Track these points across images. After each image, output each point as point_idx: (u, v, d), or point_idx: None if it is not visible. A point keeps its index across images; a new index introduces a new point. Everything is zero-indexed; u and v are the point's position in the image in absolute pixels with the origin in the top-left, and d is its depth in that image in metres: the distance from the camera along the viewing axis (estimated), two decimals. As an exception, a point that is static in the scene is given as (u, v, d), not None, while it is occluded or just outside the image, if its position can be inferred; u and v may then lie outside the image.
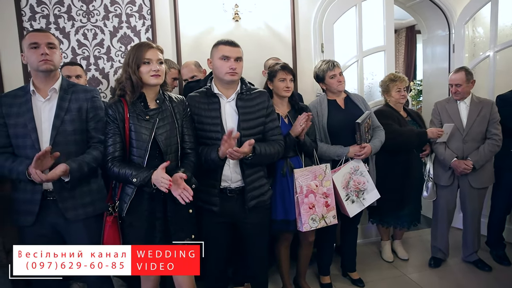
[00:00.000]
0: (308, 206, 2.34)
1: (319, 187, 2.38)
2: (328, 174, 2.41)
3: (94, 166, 1.88)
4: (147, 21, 3.06)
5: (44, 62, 1.82)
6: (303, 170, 2.34)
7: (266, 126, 2.12)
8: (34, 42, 1.82)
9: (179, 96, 2.00)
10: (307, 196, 2.34)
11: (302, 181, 2.33)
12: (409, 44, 7.97)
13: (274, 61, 2.94)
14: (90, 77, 2.98)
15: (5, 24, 2.82)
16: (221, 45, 2.03)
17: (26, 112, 1.83)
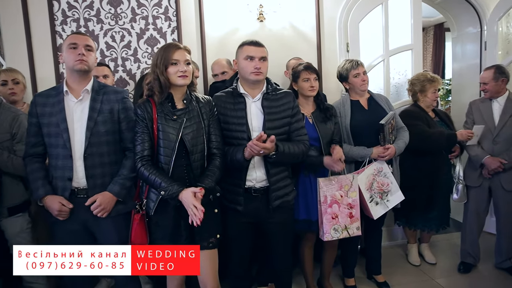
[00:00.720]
0: (331, 216, 2.32)
1: (344, 197, 2.35)
2: (354, 185, 2.37)
3: (134, 175, 1.94)
4: (173, 22, 3.11)
5: (79, 61, 1.88)
6: (329, 179, 2.33)
7: (291, 127, 2.11)
8: (74, 43, 1.89)
9: (206, 97, 2.02)
10: (330, 206, 2.33)
11: (327, 190, 2.31)
12: (437, 42, 7.76)
13: (296, 61, 2.93)
14: (118, 78, 3.06)
15: (39, 28, 2.94)
16: (246, 45, 2.05)
17: (59, 112, 1.89)
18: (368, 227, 2.79)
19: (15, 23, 2.90)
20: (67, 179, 1.88)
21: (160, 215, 1.86)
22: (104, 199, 1.90)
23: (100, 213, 1.91)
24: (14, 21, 2.91)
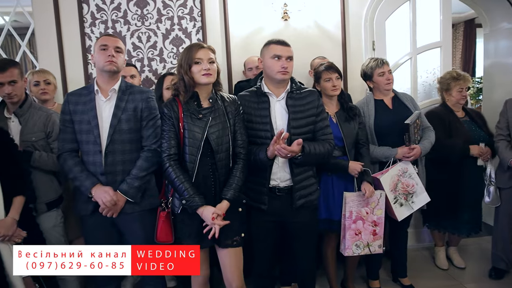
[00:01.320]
0: (354, 232, 2.32)
1: (369, 214, 2.34)
2: (381, 203, 2.35)
3: (144, 174, 1.96)
4: (198, 22, 3.15)
5: (109, 62, 1.94)
6: (356, 195, 2.31)
7: (316, 126, 2.09)
8: (104, 44, 1.95)
9: (231, 96, 2.03)
10: (355, 222, 2.32)
11: (353, 206, 2.30)
12: (468, 39, 7.49)
13: (320, 60, 2.91)
14: (144, 78, 3.12)
15: (69, 30, 3.03)
16: (273, 44, 2.05)
17: (90, 110, 1.95)
18: (393, 229, 2.74)
19: (47, 26, 3.01)
20: (99, 174, 1.94)
21: (186, 213, 1.88)
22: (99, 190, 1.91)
23: (109, 214, 1.94)
24: (46, 24, 3.01)
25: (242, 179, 1.93)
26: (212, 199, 1.89)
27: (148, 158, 1.97)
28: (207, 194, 1.87)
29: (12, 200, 1.93)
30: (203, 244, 1.90)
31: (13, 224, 1.87)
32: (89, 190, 1.91)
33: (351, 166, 2.28)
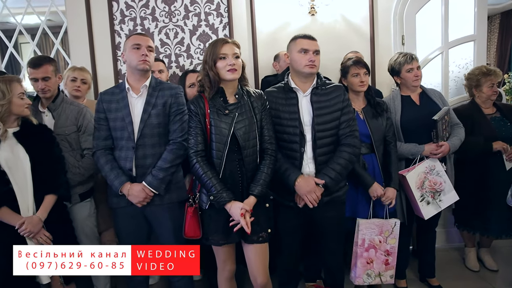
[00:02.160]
0: (366, 261, 2.29)
1: (383, 243, 2.30)
2: (395, 232, 2.31)
3: (169, 166, 1.99)
4: (225, 18, 3.16)
5: (143, 62, 1.98)
6: (370, 222, 2.27)
7: (340, 119, 2.07)
8: (137, 44, 1.99)
9: (257, 91, 2.03)
10: (367, 250, 2.28)
11: (366, 233, 2.27)
12: (504, 31, 7.17)
13: (353, 54, 2.86)
14: (171, 74, 3.17)
15: (100, 28, 3.12)
16: (300, 38, 2.04)
17: (124, 108, 2.01)
18: (420, 228, 2.68)
19: (79, 24, 3.11)
20: (128, 169, 1.99)
21: (213, 209, 1.90)
22: (132, 189, 1.97)
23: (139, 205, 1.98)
24: (78, 23, 3.11)
25: (269, 175, 1.93)
26: (239, 195, 1.90)
27: (173, 150, 2.00)
28: (234, 190, 1.88)
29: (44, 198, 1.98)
30: (229, 239, 1.92)
31: (39, 223, 1.92)
32: (118, 189, 1.97)
33: (373, 188, 2.25)
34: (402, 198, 2.51)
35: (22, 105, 1.96)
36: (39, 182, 1.94)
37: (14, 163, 1.90)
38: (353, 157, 2.05)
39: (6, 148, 1.91)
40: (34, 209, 1.94)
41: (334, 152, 2.05)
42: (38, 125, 2.05)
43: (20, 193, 1.91)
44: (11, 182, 1.88)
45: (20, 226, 1.87)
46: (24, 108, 1.97)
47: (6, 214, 1.88)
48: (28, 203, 1.93)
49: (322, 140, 2.03)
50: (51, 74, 2.28)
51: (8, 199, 1.88)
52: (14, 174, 1.89)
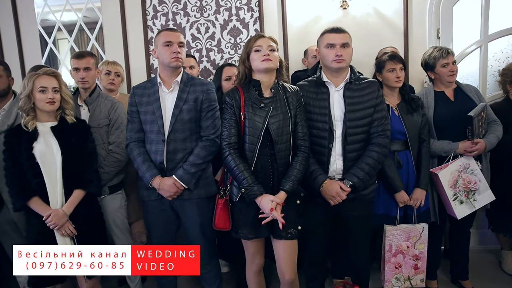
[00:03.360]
0: (394, 266, 2.27)
1: (411, 248, 2.27)
2: (423, 237, 2.27)
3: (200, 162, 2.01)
4: (255, 13, 3.16)
5: (175, 59, 2.01)
6: (397, 228, 2.25)
7: (373, 117, 2.03)
8: (169, 41, 2.01)
9: (293, 87, 2.02)
10: (395, 255, 2.27)
11: (393, 239, 2.25)
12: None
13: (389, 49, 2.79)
14: (202, 68, 3.20)
15: (133, 23, 3.20)
16: (326, 33, 2.03)
17: (154, 102, 2.04)
18: (454, 227, 2.60)
19: (114, 20, 3.20)
20: (159, 162, 2.03)
21: (244, 202, 1.91)
22: (163, 184, 2.00)
23: (169, 197, 2.02)
24: (113, 18, 3.20)
25: (301, 171, 1.92)
26: (269, 190, 1.90)
27: (206, 147, 2.02)
28: (265, 185, 1.89)
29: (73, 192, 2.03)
30: (259, 234, 1.94)
31: (64, 216, 1.97)
32: (149, 182, 2.01)
33: (400, 195, 2.23)
34: (434, 197, 2.44)
35: (42, 100, 1.97)
36: (68, 177, 2.00)
37: (47, 157, 1.97)
38: (382, 157, 2.02)
39: (42, 141, 1.98)
40: (62, 202, 2.00)
41: (364, 150, 2.02)
42: (77, 120, 2.11)
43: (51, 186, 1.97)
44: (43, 174, 1.95)
45: (47, 218, 1.94)
46: (45, 103, 1.97)
47: (36, 204, 1.96)
48: (57, 196, 1.99)
49: (353, 137, 2.00)
50: (92, 66, 2.40)
51: (39, 190, 1.96)
52: (46, 167, 1.96)
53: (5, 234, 2.30)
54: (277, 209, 1.83)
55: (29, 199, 1.95)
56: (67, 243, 1.98)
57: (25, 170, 1.95)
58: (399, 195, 2.24)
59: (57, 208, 1.97)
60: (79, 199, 2.03)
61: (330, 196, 1.98)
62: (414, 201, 2.26)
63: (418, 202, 2.26)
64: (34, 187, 1.95)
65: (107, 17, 3.23)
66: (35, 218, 1.97)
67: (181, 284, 2.62)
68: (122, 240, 2.47)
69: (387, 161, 2.16)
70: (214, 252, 2.23)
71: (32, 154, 1.94)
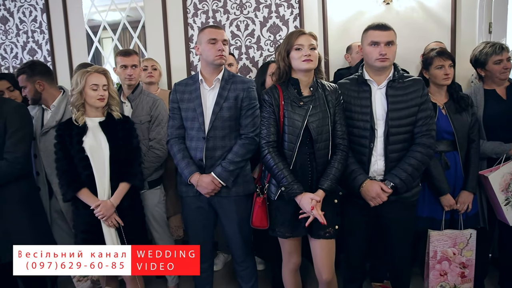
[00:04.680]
0: (439, 273, 2.16)
1: (457, 255, 2.15)
2: (471, 243, 2.15)
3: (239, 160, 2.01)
4: (295, 9, 3.12)
5: (219, 57, 2.01)
6: (442, 234, 2.14)
7: (417, 116, 1.94)
8: (213, 38, 2.02)
9: (332, 85, 1.98)
10: (440, 262, 2.16)
11: (438, 245, 2.14)
12: None
13: (436, 45, 2.67)
14: (241, 65, 3.22)
15: (174, 21, 3.27)
16: (370, 30, 1.95)
17: (196, 99, 2.07)
18: (504, 234, 2.44)
19: (155, 18, 3.28)
20: (198, 159, 2.05)
21: (282, 200, 1.90)
22: (201, 181, 2.01)
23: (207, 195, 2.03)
24: (155, 17, 3.29)
25: (340, 170, 1.89)
26: (308, 189, 1.87)
27: (245, 145, 2.02)
28: (304, 184, 1.86)
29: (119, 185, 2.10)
30: (296, 232, 1.92)
31: (111, 208, 2.04)
32: (187, 178, 2.03)
33: (446, 198, 2.13)
34: (483, 201, 2.31)
35: (93, 97, 2.04)
36: (115, 170, 2.07)
37: (96, 151, 2.04)
38: (426, 159, 1.93)
39: (91, 136, 2.05)
40: (109, 194, 2.07)
41: (407, 150, 1.94)
42: (122, 116, 2.18)
43: (99, 178, 2.04)
44: (92, 167, 2.03)
45: (96, 208, 2.02)
46: (96, 99, 2.05)
47: (86, 196, 2.04)
48: (105, 188, 2.06)
49: (396, 137, 1.93)
50: (137, 63, 2.50)
51: (88, 182, 2.04)
52: (95, 160, 2.03)
53: (53, 222, 2.42)
54: (317, 207, 1.80)
55: (79, 190, 2.03)
56: (112, 233, 2.05)
57: (76, 163, 2.03)
58: (445, 199, 2.14)
59: (105, 200, 2.04)
60: (124, 191, 2.10)
61: (370, 197, 1.92)
62: (461, 205, 2.15)
63: (465, 206, 2.16)
64: (84, 179, 2.03)
65: (149, 16, 3.32)
66: (82, 209, 2.06)
67: (217, 280, 2.64)
68: (160, 233, 2.53)
69: (433, 161, 2.07)
70: (250, 249, 2.23)
71: (82, 148, 2.02)
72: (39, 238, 2.22)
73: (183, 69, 3.25)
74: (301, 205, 1.83)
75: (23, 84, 2.36)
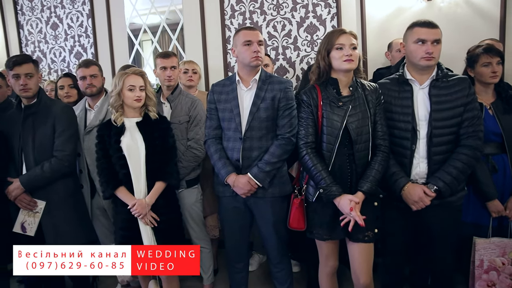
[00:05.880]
0: (487, 284, 2.05)
1: (507, 266, 2.02)
2: None
3: (276, 161, 2.00)
4: (333, 9, 3.08)
5: (255, 59, 2.02)
6: (489, 242, 2.02)
7: (462, 117, 1.86)
8: (248, 40, 2.02)
9: (372, 84, 1.94)
10: (487, 272, 2.04)
11: (484, 254, 2.03)
12: None
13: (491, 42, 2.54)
14: (278, 66, 3.22)
15: (212, 23, 3.32)
16: (417, 27, 1.87)
17: (233, 99, 2.08)
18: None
19: (193, 20, 3.36)
20: (235, 160, 2.07)
21: (320, 202, 1.87)
22: (238, 181, 2.01)
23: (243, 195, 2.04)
24: (193, 19, 3.36)
25: (380, 172, 1.84)
26: (347, 191, 1.84)
27: (281, 145, 2.01)
28: (343, 185, 1.83)
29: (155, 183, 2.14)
30: (334, 235, 1.89)
31: (146, 206, 2.08)
32: (224, 178, 2.05)
33: (494, 203, 2.02)
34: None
35: (131, 97, 2.09)
36: (151, 169, 2.11)
37: (133, 150, 2.10)
38: (472, 161, 1.84)
39: (128, 135, 2.12)
40: (145, 193, 2.12)
41: (452, 152, 1.86)
42: (159, 116, 2.23)
43: (135, 177, 2.10)
44: (129, 166, 2.09)
45: (132, 206, 2.07)
46: (133, 100, 2.09)
47: (123, 194, 2.10)
48: (141, 187, 2.10)
49: (439, 138, 1.85)
50: (176, 65, 2.56)
51: (126, 180, 2.09)
52: (132, 159, 2.09)
53: (96, 218, 2.53)
54: (356, 208, 1.77)
55: (117, 189, 2.10)
56: (149, 231, 2.10)
57: (114, 162, 2.11)
58: (492, 204, 2.03)
59: (141, 198, 2.10)
60: (160, 190, 2.14)
61: (412, 201, 1.86)
62: (510, 212, 2.03)
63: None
64: (121, 178, 2.10)
65: (188, 18, 3.39)
66: (121, 206, 2.13)
67: (252, 281, 2.65)
68: (197, 232, 2.57)
69: (479, 165, 1.98)
70: (286, 251, 2.22)
71: (119, 147, 2.09)
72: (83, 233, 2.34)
73: (220, 70, 3.30)
74: (340, 207, 1.80)
75: (95, 73, 2.50)
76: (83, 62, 2.56)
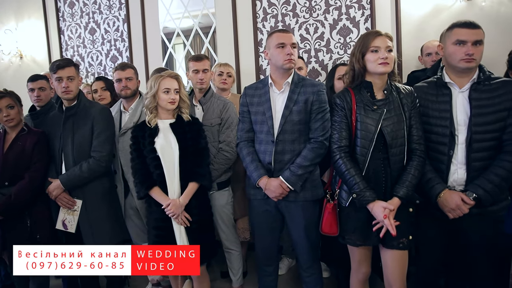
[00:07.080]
0: None
1: None
2: None
3: (308, 164, 1.99)
4: (367, 10, 3.03)
5: (288, 61, 2.02)
6: None
7: (506, 122, 1.77)
8: (281, 43, 2.02)
9: (407, 87, 1.89)
10: None
11: None
12: None
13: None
14: (310, 69, 3.19)
15: (244, 26, 3.34)
16: (456, 27, 1.80)
17: (265, 102, 2.09)
18: None
19: (226, 23, 3.39)
20: (267, 163, 2.06)
21: (353, 207, 1.85)
22: (269, 184, 2.01)
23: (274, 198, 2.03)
24: (225, 22, 3.39)
25: (416, 177, 1.79)
26: (381, 196, 1.80)
27: (314, 149, 1.99)
28: (377, 190, 1.79)
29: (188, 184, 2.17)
30: (367, 241, 1.85)
31: (180, 206, 2.11)
32: (256, 181, 2.05)
33: None
34: None
35: (165, 100, 2.13)
36: (184, 170, 2.14)
37: (167, 151, 2.14)
38: None
39: (162, 136, 2.16)
40: (179, 193, 2.15)
41: (493, 159, 1.78)
42: (191, 118, 2.26)
43: (169, 178, 2.13)
44: (163, 167, 2.12)
45: (167, 206, 2.10)
46: (168, 102, 2.13)
47: (157, 194, 2.14)
48: (175, 187, 2.14)
49: (480, 144, 1.77)
50: (208, 68, 2.59)
51: (160, 181, 2.13)
52: (166, 160, 2.13)
53: (128, 218, 2.60)
54: (390, 216, 1.73)
55: (151, 189, 2.15)
56: (182, 231, 2.13)
57: (148, 162, 2.15)
58: None
59: (175, 198, 2.13)
60: (193, 191, 2.17)
61: (449, 209, 1.79)
62: None
63: None
64: (155, 178, 2.14)
65: (220, 22, 3.43)
66: (154, 206, 2.17)
67: (281, 285, 2.63)
68: (227, 234, 2.58)
69: None
70: (316, 255, 2.19)
71: (153, 148, 2.13)
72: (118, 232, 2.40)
73: (253, 73, 3.31)
74: (373, 213, 1.76)
75: (130, 76, 2.60)
76: (119, 65, 2.65)
